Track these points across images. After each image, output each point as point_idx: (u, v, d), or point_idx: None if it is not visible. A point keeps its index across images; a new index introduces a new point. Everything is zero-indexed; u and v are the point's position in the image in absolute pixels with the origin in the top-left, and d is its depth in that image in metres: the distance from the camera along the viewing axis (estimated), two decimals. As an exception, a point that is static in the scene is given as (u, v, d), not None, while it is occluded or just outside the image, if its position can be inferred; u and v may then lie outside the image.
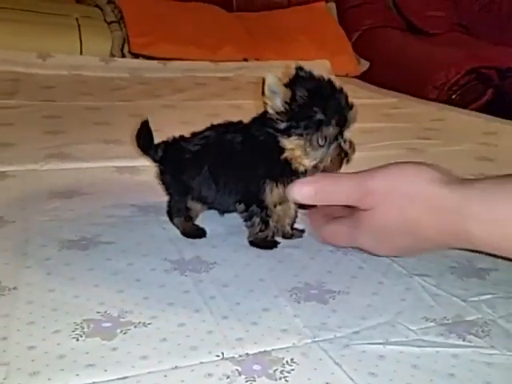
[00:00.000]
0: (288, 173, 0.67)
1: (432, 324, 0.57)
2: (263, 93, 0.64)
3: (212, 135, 0.73)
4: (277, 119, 0.64)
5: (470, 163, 1.14)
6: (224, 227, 0.77)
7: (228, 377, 0.46)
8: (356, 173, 0.63)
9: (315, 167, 0.66)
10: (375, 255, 0.67)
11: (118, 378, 0.45)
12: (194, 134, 0.76)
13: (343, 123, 0.64)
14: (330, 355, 0.51)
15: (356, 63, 2.30)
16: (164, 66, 1.96)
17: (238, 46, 2.14)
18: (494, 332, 0.56)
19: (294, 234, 0.75)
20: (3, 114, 1.33)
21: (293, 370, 0.48)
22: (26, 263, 0.63)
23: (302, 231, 0.76)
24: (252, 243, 0.71)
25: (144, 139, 0.80)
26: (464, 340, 0.54)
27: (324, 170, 0.66)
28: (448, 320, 0.57)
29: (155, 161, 0.78)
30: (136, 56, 2.01)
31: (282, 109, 0.64)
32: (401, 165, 0.59)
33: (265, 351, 0.51)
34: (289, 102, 0.63)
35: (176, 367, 0.47)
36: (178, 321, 0.54)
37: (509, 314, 0.59)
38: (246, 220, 0.71)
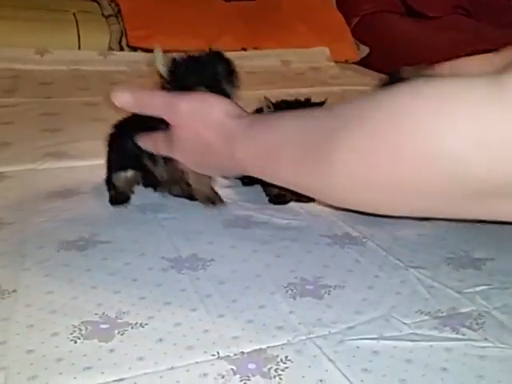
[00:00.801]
0: None
1: (426, 317, 0.57)
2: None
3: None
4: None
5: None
6: (220, 221, 0.78)
7: (223, 376, 0.47)
8: (171, 93, 0.70)
9: None
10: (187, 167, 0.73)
11: (115, 380, 0.46)
12: None
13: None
14: (324, 352, 0.51)
15: (355, 49, 2.29)
16: (162, 58, 1.96)
17: (235, 36, 2.12)
18: (487, 324, 0.56)
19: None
20: (1, 113, 1.33)
21: (287, 367, 0.49)
22: (25, 265, 0.64)
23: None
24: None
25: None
26: (458, 333, 0.55)
27: None
28: (442, 313, 0.58)
29: None
30: (134, 49, 2.00)
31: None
32: (207, 94, 0.68)
33: (260, 349, 0.51)
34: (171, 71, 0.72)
35: (172, 368, 0.48)
36: (174, 320, 0.55)
37: (503, 305, 0.60)
38: None
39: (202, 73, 0.73)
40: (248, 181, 0.93)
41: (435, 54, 2.02)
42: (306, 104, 0.85)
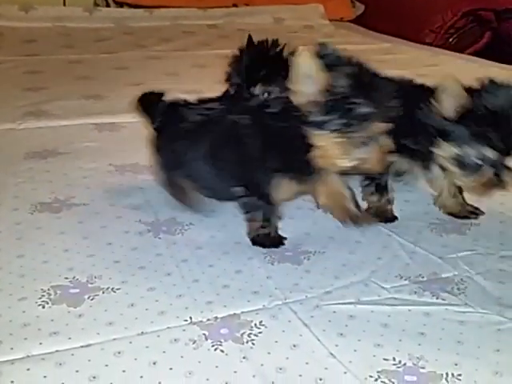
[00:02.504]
0: (309, 171, 0.57)
1: (406, 282, 0.56)
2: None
3: (217, 109, 0.63)
4: (307, 110, 0.53)
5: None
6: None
7: (194, 342, 0.46)
8: None
9: (354, 168, 0.55)
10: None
11: (82, 346, 0.45)
12: (200, 101, 0.67)
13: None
14: (300, 317, 0.50)
15: (350, 7, 2.21)
16: (150, 15, 1.89)
17: (226, -9, 2.05)
18: (469, 289, 0.55)
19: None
20: (-18, 71, 1.29)
21: (260, 332, 0.48)
22: (-3, 228, 0.62)
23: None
24: (254, 241, 0.61)
25: (147, 99, 0.73)
26: (438, 298, 0.53)
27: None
28: (423, 278, 0.57)
29: (152, 122, 0.70)
30: (120, 5, 1.94)
31: (316, 98, 0.52)
32: None
33: (234, 314, 0.50)
34: (326, 90, 0.51)
35: (142, 333, 0.47)
36: (147, 285, 0.53)
37: (486, 270, 0.58)
38: (245, 212, 0.61)
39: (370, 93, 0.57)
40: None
41: (431, 12, 1.96)
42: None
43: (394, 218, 0.67)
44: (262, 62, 0.75)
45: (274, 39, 0.80)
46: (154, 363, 0.44)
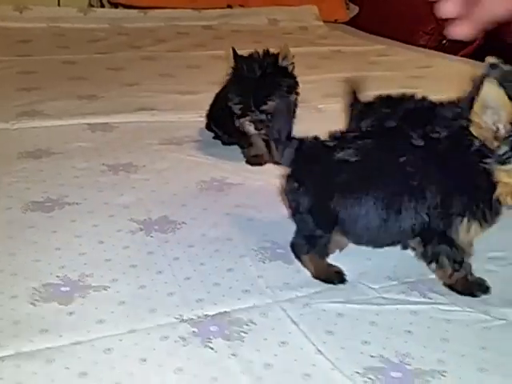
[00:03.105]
0: (495, 211, 0.52)
1: (395, 282, 0.56)
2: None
3: (368, 142, 0.53)
4: (491, 144, 0.47)
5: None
6: (195, 183, 0.76)
7: (184, 339, 0.47)
8: None
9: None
10: None
11: (72, 343, 0.45)
12: (333, 137, 0.55)
13: None
14: (289, 315, 0.51)
15: (345, 8, 2.22)
16: (145, 15, 1.89)
17: (221, -8, 2.05)
18: (456, 289, 0.56)
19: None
20: (-24, 71, 1.29)
21: (250, 330, 0.48)
22: (-11, 227, 0.63)
23: None
24: (451, 288, 0.55)
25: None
26: (425, 297, 0.54)
27: None
28: (411, 279, 0.57)
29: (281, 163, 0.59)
30: (115, 5, 1.94)
31: (502, 130, 0.47)
32: None
33: (224, 312, 0.51)
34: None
35: (132, 330, 0.47)
36: (138, 283, 0.54)
37: (474, 271, 0.59)
38: (429, 262, 0.55)
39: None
40: (228, 141, 0.91)
41: (425, 14, 1.97)
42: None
43: None
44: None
45: (265, 50, 0.82)
46: (144, 360, 0.44)
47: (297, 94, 0.83)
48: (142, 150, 0.86)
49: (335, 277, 0.55)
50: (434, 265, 0.54)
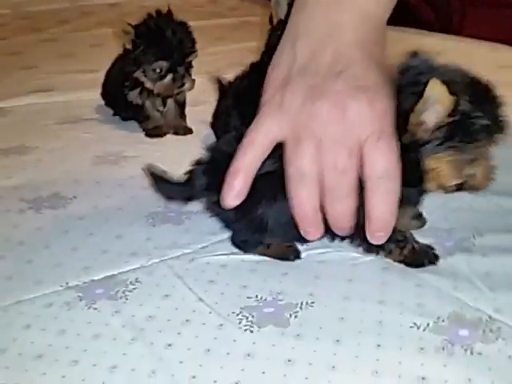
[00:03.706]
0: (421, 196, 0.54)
1: (277, 231, 0.60)
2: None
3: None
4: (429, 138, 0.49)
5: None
6: (89, 159, 0.77)
7: (68, 303, 0.49)
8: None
9: (460, 187, 0.52)
10: None
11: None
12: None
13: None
14: (175, 271, 0.54)
15: None
16: (48, -3, 1.83)
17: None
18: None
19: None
20: None
21: (135, 288, 0.51)
22: None
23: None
24: (402, 262, 0.55)
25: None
26: (302, 245, 0.57)
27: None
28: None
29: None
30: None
31: (440, 123, 0.48)
32: None
33: (111, 275, 0.53)
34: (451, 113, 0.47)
35: (18, 302, 0.49)
36: (25, 258, 0.55)
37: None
38: (377, 252, 0.55)
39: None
40: (127, 116, 0.91)
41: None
42: None
43: None
44: None
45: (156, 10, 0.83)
46: (28, 326, 0.46)
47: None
48: (36, 132, 0.85)
49: (291, 253, 0.56)
50: (382, 253, 0.55)
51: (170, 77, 0.82)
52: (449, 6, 1.76)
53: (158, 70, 0.81)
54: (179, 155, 0.78)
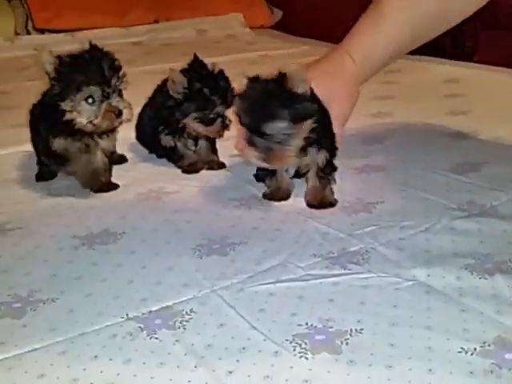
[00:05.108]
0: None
1: (319, 259, 0.63)
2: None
3: None
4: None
5: (371, 104, 1.21)
6: (133, 195, 0.81)
7: (131, 334, 0.52)
8: None
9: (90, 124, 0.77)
10: None
11: (29, 351, 0.49)
12: None
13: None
14: (226, 300, 0.57)
15: (269, 13, 2.31)
16: (72, 38, 1.91)
17: (146, 8, 2.10)
18: (372, 258, 0.63)
19: None
20: None
21: (191, 318, 0.54)
22: None
23: None
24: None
25: None
26: (345, 269, 0.61)
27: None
28: (334, 254, 0.64)
29: None
30: (42, 31, 1.95)
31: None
32: None
33: (167, 306, 0.56)
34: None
35: (83, 333, 0.52)
36: (84, 292, 0.58)
37: (388, 241, 0.67)
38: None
39: (88, 70, 0.77)
40: (161, 154, 0.96)
41: (347, 15, 2.08)
42: None
43: None
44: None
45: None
46: (96, 357, 0.49)
47: None
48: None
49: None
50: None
51: None
52: (462, 30, 1.81)
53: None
54: (215, 189, 0.83)
